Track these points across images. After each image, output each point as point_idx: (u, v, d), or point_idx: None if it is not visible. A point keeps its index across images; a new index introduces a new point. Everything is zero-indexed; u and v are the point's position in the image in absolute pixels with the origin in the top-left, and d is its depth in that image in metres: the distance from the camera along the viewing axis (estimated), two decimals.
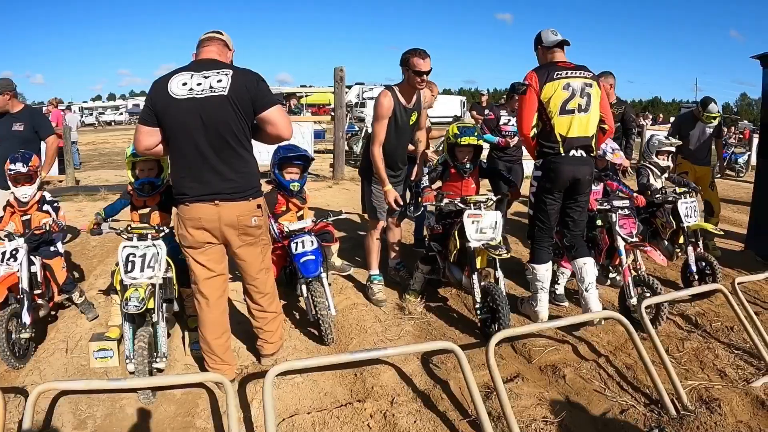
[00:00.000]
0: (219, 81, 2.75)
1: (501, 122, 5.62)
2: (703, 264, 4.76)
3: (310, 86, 25.44)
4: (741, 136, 18.15)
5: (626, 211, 4.19)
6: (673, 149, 5.06)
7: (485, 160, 5.14)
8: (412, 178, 4.58)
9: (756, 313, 4.53)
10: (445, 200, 4.06)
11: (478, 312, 3.88)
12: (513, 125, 5.35)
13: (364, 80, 31.00)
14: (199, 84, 2.75)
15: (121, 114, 50.56)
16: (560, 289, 4.46)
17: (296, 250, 3.77)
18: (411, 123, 4.29)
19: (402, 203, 4.21)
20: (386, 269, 4.95)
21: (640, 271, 4.14)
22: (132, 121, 40.73)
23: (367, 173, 4.40)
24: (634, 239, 4.13)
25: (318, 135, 13.68)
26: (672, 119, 16.46)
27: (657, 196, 4.85)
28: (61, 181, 9.39)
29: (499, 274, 3.98)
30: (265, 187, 3.97)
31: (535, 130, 3.74)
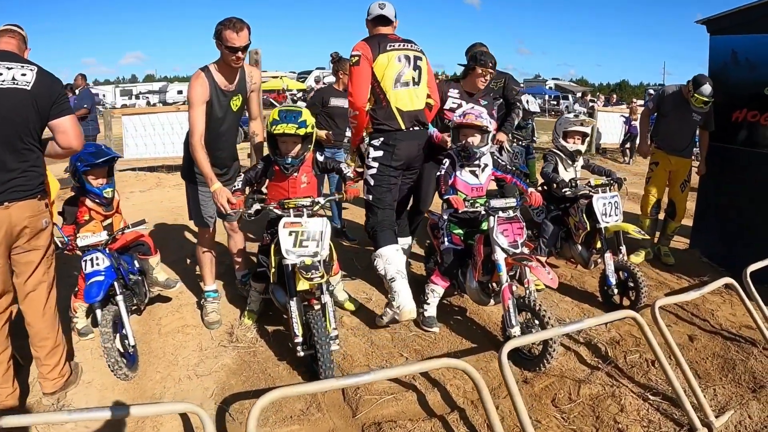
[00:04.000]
0: (23, 75, 2.47)
1: (446, 105, 3.70)
2: (625, 274, 3.55)
3: (276, 71, 24.27)
4: None
5: (510, 213, 2.98)
6: (586, 129, 3.80)
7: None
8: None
9: (691, 337, 3.35)
10: (256, 206, 2.92)
11: (299, 348, 2.75)
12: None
13: (326, 65, 29.40)
14: (0, 74, 2.44)
15: None
16: (430, 310, 3.26)
17: (85, 269, 2.99)
18: (235, 109, 3.21)
19: (234, 203, 3.05)
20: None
21: (527, 292, 2.93)
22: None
23: (189, 173, 3.32)
24: (519, 249, 2.91)
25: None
26: (636, 101, 14.60)
27: (565, 190, 3.62)
28: None
29: (327, 299, 2.81)
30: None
31: (368, 105, 3.20)
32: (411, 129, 3.24)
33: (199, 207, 3.34)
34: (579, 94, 21.14)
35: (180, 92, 28.71)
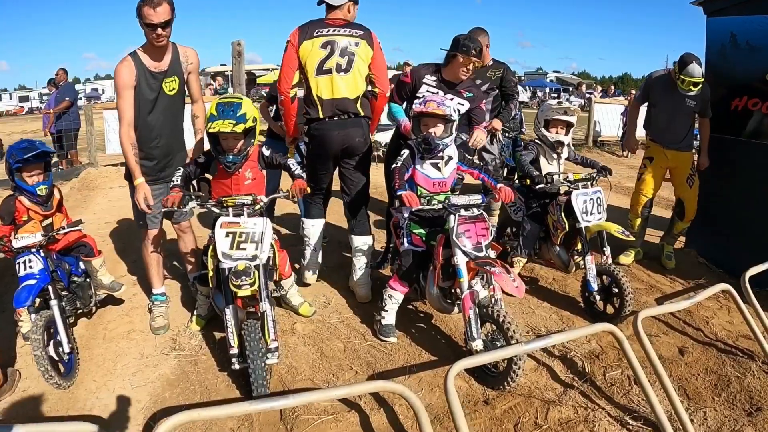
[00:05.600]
0: None
1: (420, 92, 3.25)
2: (609, 279, 3.16)
3: (269, 64, 23.63)
4: None
5: (474, 211, 2.60)
6: (570, 118, 3.37)
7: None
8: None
9: (681, 350, 2.95)
10: (192, 203, 2.61)
11: (234, 361, 2.45)
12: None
13: None
14: None
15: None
16: (388, 318, 2.89)
17: (19, 272, 2.78)
18: (170, 92, 2.89)
19: (151, 204, 2.86)
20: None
21: (492, 300, 2.55)
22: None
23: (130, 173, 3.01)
24: (484, 252, 2.53)
25: None
26: (635, 93, 13.79)
27: (540, 185, 3.21)
28: None
29: (266, 307, 2.46)
30: None
31: (297, 91, 3.13)
32: (333, 118, 3.06)
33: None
34: (576, 84, 20.55)
35: None
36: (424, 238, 2.79)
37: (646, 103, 4.19)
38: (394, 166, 2.74)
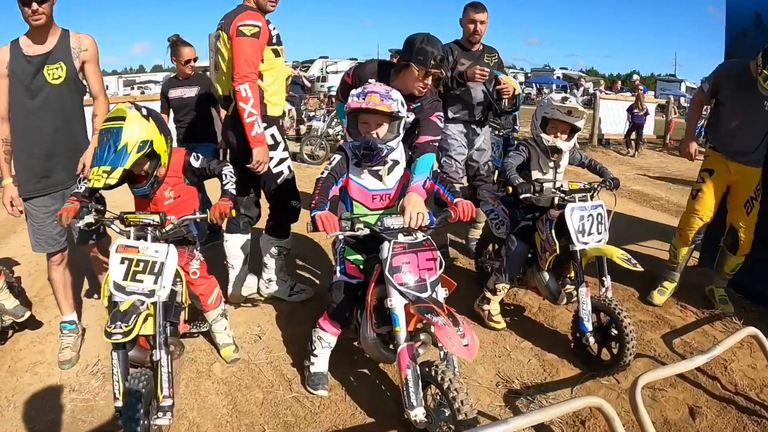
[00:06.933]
0: None
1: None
2: (607, 318, 2.47)
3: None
4: None
5: (418, 237, 1.94)
6: (575, 121, 2.60)
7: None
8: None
9: (693, 410, 2.29)
10: (88, 218, 2.05)
11: (119, 416, 1.90)
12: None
13: (330, 54, 28.92)
14: None
15: None
16: (318, 365, 2.25)
17: None
18: (53, 80, 2.41)
19: (22, 211, 2.44)
20: None
21: (441, 353, 1.90)
22: None
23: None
24: (429, 292, 1.87)
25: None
26: (641, 87, 11.46)
27: (524, 195, 2.50)
28: None
29: (162, 355, 1.93)
30: None
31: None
32: (226, 116, 2.85)
33: (36, 229, 2.53)
34: (577, 78, 19.56)
35: None
36: (362, 267, 2.15)
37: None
38: (318, 176, 2.09)
